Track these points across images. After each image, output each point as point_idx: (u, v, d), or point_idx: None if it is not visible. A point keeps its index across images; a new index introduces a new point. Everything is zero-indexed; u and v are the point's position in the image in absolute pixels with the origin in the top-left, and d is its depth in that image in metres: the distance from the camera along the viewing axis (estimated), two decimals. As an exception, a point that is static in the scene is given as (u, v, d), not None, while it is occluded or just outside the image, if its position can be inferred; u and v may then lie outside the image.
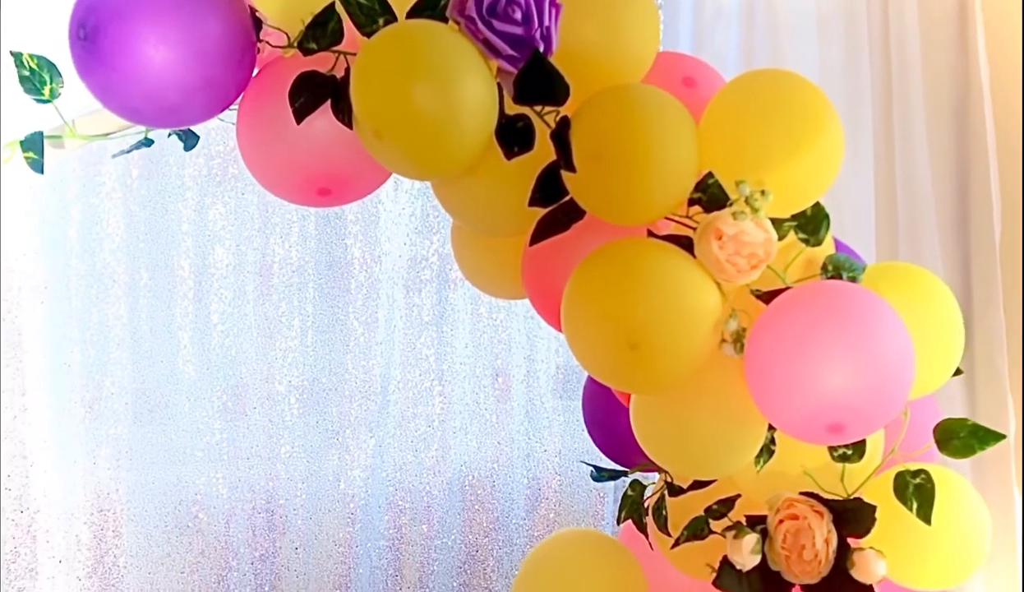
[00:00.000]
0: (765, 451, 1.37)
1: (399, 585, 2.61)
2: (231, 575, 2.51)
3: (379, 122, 1.22)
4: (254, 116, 1.33)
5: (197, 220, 2.48)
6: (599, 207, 1.29)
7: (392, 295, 2.58)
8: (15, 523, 2.41)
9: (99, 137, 1.39)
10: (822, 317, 1.26)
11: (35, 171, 1.34)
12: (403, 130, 1.22)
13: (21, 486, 2.41)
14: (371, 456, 2.58)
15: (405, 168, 1.29)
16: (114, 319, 2.45)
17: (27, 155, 1.32)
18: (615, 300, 1.26)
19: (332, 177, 1.33)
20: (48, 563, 2.43)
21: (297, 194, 1.37)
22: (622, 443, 1.60)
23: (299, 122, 1.25)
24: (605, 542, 1.62)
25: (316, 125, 1.29)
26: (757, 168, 1.28)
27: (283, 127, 1.29)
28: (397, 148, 1.24)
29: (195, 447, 2.49)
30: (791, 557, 1.35)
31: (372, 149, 1.25)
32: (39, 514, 2.42)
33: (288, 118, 1.27)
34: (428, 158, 1.26)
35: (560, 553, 1.62)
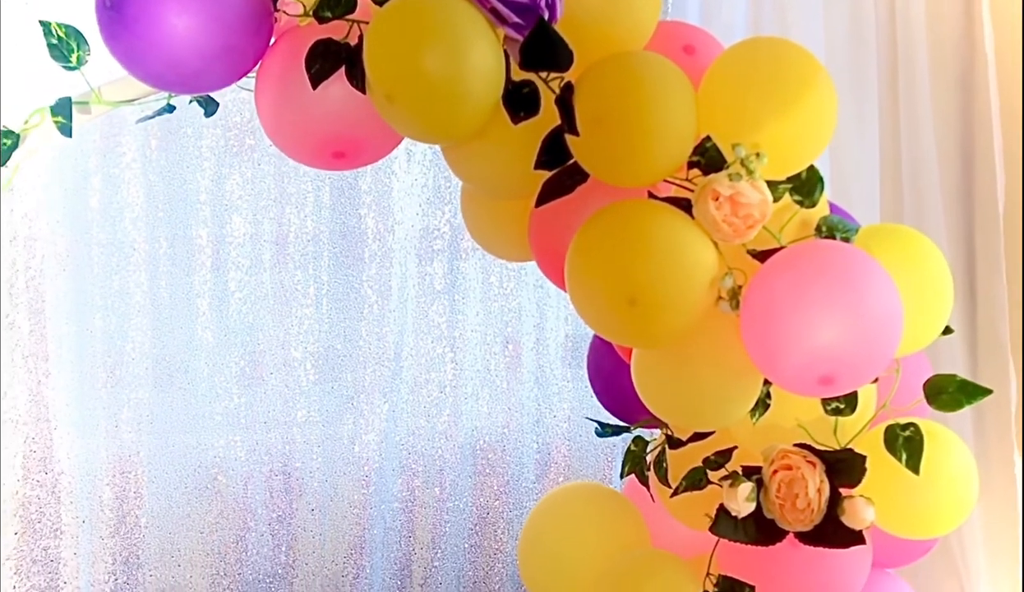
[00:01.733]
0: (760, 405, 1.42)
1: (412, 546, 2.67)
2: (249, 535, 2.58)
3: (391, 87, 1.28)
4: (272, 82, 1.39)
5: (215, 190, 2.53)
6: (601, 169, 1.35)
7: (405, 264, 2.63)
8: (40, 484, 2.48)
9: (124, 103, 1.45)
10: (815, 275, 1.31)
11: (64, 135, 1.41)
12: (414, 95, 1.28)
13: (45, 448, 2.48)
14: (385, 421, 2.64)
15: (416, 131, 1.35)
16: (135, 287, 2.51)
17: (56, 119, 1.39)
18: (616, 257, 1.32)
19: (346, 141, 1.39)
20: (72, 523, 2.50)
21: (313, 157, 1.43)
22: (625, 400, 1.66)
23: (315, 87, 1.31)
24: (607, 494, 1.69)
25: (331, 91, 1.34)
26: (753, 132, 1.34)
27: (299, 93, 1.35)
28: (408, 112, 1.29)
29: (214, 411, 2.56)
30: (785, 505, 1.41)
31: (385, 113, 1.31)
32: (63, 476, 2.50)
33: (304, 84, 1.33)
34: (438, 122, 1.31)
35: (564, 504, 1.69)
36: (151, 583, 2.54)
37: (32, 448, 2.47)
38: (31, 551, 2.49)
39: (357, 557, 2.62)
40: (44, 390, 2.48)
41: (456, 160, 1.45)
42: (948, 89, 2.37)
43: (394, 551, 2.66)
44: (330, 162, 1.42)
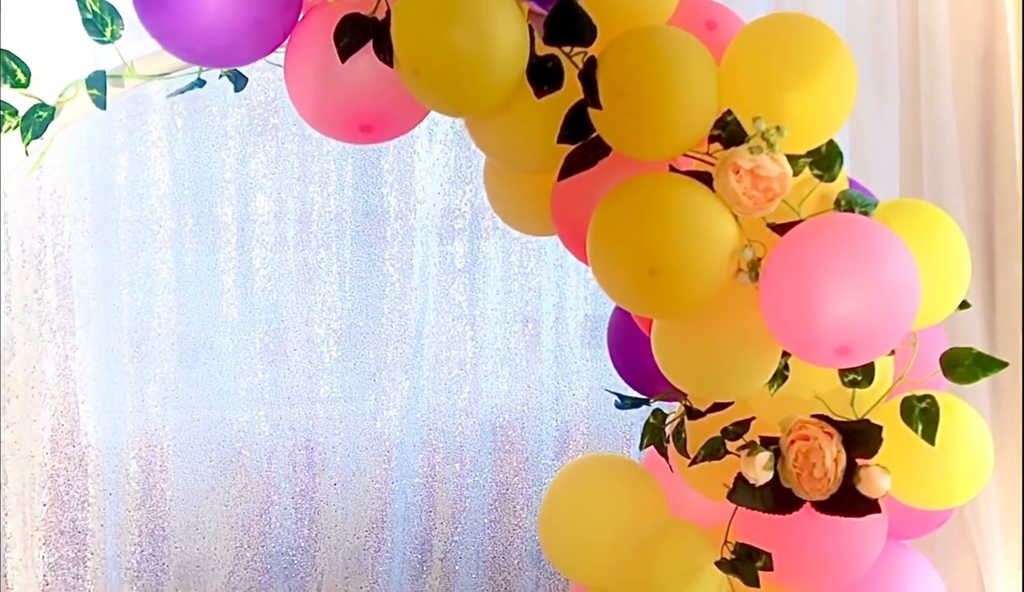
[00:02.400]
0: (779, 376, 1.45)
1: (432, 521, 2.70)
2: (272, 509, 2.62)
3: (418, 61, 1.30)
4: (301, 57, 1.42)
5: (239, 168, 2.56)
6: (623, 143, 1.37)
7: (426, 243, 2.65)
8: (68, 457, 2.52)
9: (156, 77, 1.48)
10: (834, 247, 1.33)
11: (98, 107, 1.44)
12: (440, 69, 1.30)
13: (72, 422, 2.53)
14: (406, 397, 2.67)
15: (441, 105, 1.38)
16: (160, 263, 2.54)
17: (91, 92, 1.42)
18: (637, 229, 1.34)
19: (373, 114, 1.42)
20: (99, 495, 2.54)
21: (340, 131, 1.46)
22: (644, 374, 1.69)
23: (343, 61, 1.34)
24: (626, 464, 1.72)
25: (359, 65, 1.37)
26: (773, 106, 1.36)
27: (328, 67, 1.38)
28: (435, 86, 1.32)
29: (238, 387, 2.59)
30: (802, 475, 1.43)
31: (411, 87, 1.34)
32: (90, 449, 2.54)
33: (333, 59, 1.36)
34: (463, 96, 1.34)
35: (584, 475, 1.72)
36: (176, 555, 2.59)
37: (60, 421, 2.51)
38: (59, 522, 2.53)
39: (378, 531, 2.66)
40: (72, 364, 2.52)
41: (480, 134, 1.47)
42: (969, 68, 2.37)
43: (415, 526, 2.69)
44: (356, 136, 1.45)
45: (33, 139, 1.45)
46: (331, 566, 2.66)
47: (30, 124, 1.44)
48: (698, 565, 1.51)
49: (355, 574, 2.67)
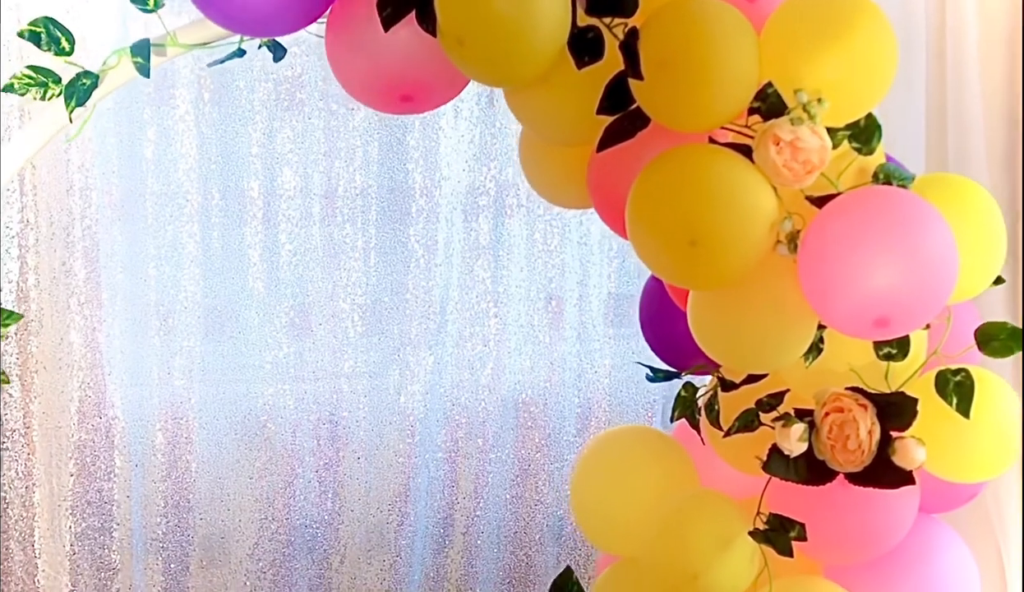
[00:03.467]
0: (814, 349, 1.46)
1: (455, 495, 2.72)
2: (297, 482, 2.64)
3: (462, 30, 1.31)
4: (342, 26, 1.43)
5: (266, 143, 2.57)
6: (664, 114, 1.38)
7: (451, 220, 2.66)
8: (94, 428, 2.55)
9: (198, 46, 1.49)
10: (872, 219, 1.34)
11: (143, 75, 1.45)
12: (484, 39, 1.31)
13: (99, 394, 2.55)
14: (430, 373, 2.68)
15: (483, 75, 1.39)
16: (187, 237, 2.56)
17: (135, 60, 1.43)
18: (677, 199, 1.35)
19: (414, 84, 1.43)
20: (125, 467, 2.57)
21: (381, 101, 1.47)
22: (676, 347, 1.71)
23: (386, 30, 1.34)
24: (657, 436, 1.73)
25: (401, 34, 1.38)
26: (813, 78, 1.36)
27: (370, 37, 1.39)
28: (478, 56, 1.33)
29: (263, 361, 2.61)
30: (836, 447, 1.44)
31: (455, 57, 1.34)
32: (116, 421, 2.56)
33: (375, 28, 1.37)
34: (506, 66, 1.35)
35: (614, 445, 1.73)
36: (201, 526, 2.61)
37: (87, 393, 2.53)
38: (86, 493, 2.56)
39: (401, 505, 2.68)
40: (99, 337, 2.54)
41: (518, 105, 1.48)
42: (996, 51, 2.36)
43: (437, 500, 2.71)
44: (398, 106, 1.46)
45: (77, 106, 1.46)
46: (354, 539, 2.68)
47: (74, 92, 1.46)
48: (731, 535, 1.52)
49: (378, 547, 2.69)
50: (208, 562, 2.63)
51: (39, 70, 1.46)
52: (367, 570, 2.68)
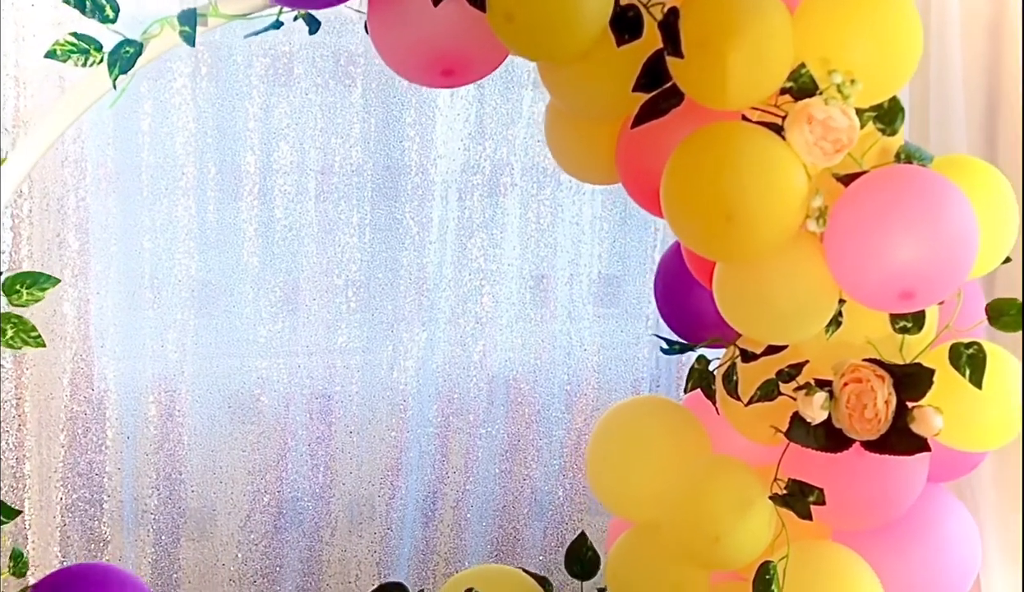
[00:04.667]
0: (834, 322, 1.52)
1: (445, 469, 2.76)
2: (289, 455, 2.65)
3: (512, 7, 1.35)
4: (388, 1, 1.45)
5: (263, 118, 2.57)
6: (701, 92, 1.43)
7: (445, 198, 2.69)
8: (86, 400, 2.54)
9: (238, 17, 1.50)
10: (898, 196, 1.41)
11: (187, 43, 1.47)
12: (532, 15, 1.35)
13: (91, 366, 2.54)
14: (422, 349, 2.71)
15: (528, 50, 1.43)
16: (182, 210, 2.55)
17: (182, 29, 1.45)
18: (714, 175, 1.40)
19: (456, 59, 1.47)
20: (116, 439, 2.56)
21: (422, 74, 1.50)
22: (691, 321, 1.76)
23: (436, 5, 1.38)
24: (671, 406, 1.79)
25: (444, 9, 1.41)
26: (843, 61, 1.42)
27: (413, 11, 1.42)
28: (525, 32, 1.37)
29: (257, 335, 2.61)
30: (853, 415, 1.51)
31: (502, 33, 1.38)
32: (108, 393, 2.55)
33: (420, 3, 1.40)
34: (552, 42, 1.39)
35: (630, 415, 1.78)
36: (192, 498, 2.62)
37: (79, 365, 2.52)
38: (76, 464, 2.55)
39: (393, 478, 2.71)
40: (91, 308, 2.53)
41: (556, 80, 1.52)
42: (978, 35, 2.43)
43: (428, 474, 2.74)
44: (438, 79, 1.49)
45: (120, 74, 1.47)
46: (345, 512, 2.70)
47: (117, 59, 1.47)
48: (751, 499, 1.58)
49: (368, 520, 2.72)
50: (199, 534, 2.64)
51: (81, 37, 1.47)
52: (358, 543, 2.71)
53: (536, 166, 2.74)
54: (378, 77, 2.60)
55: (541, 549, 2.82)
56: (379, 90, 2.61)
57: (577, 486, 2.83)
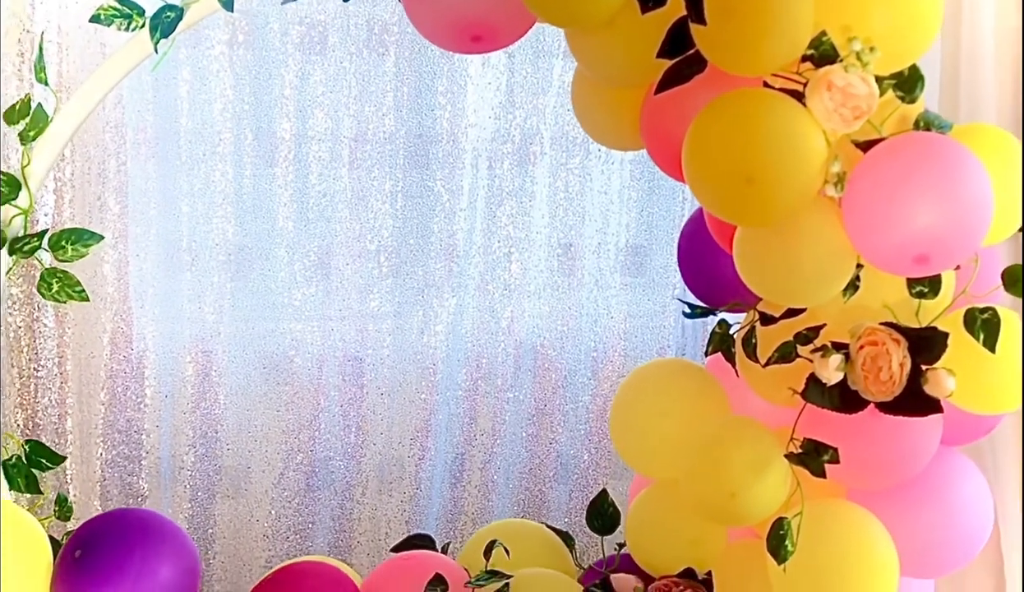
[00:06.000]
0: (851, 286, 1.55)
1: (473, 432, 2.82)
2: (321, 415, 2.72)
3: (538, -27, 1.39)
4: (418, -33, 1.50)
5: (298, 86, 2.62)
6: (724, 59, 1.46)
7: (476, 166, 2.73)
8: (126, 359, 2.61)
9: (278, -15, 1.54)
10: (915, 162, 1.44)
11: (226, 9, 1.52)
12: (558, -20, 1.39)
13: (130, 326, 2.61)
14: (452, 314, 2.76)
15: (555, 16, 1.46)
16: (219, 176, 2.61)
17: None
18: (736, 139, 1.44)
19: (485, 25, 1.51)
20: (155, 398, 2.64)
21: (452, 41, 1.54)
22: (713, 286, 1.80)
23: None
24: (693, 368, 1.83)
25: (474, -24, 1.45)
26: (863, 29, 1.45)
27: (444, -22, 1.46)
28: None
29: (291, 299, 2.68)
30: (868, 377, 1.54)
31: (529, 0, 1.42)
32: (147, 353, 2.63)
33: (450, -31, 1.44)
34: (577, 7, 1.43)
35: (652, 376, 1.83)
36: (228, 456, 2.69)
37: (119, 325, 2.59)
38: (116, 422, 2.63)
39: (422, 439, 2.77)
40: (131, 270, 2.59)
41: (581, 47, 1.56)
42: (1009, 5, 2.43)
43: (456, 436, 2.81)
44: (468, 45, 1.53)
45: (162, 38, 1.52)
46: (375, 471, 2.77)
47: (158, 24, 1.52)
48: (767, 458, 1.63)
49: (398, 480, 2.79)
50: (234, 491, 2.71)
51: (124, 2, 1.53)
52: (387, 502, 2.78)
53: (565, 135, 2.77)
54: (411, 46, 2.64)
55: (566, 511, 2.87)
56: (411, 59, 2.65)
57: (602, 451, 2.88)
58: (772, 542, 1.58)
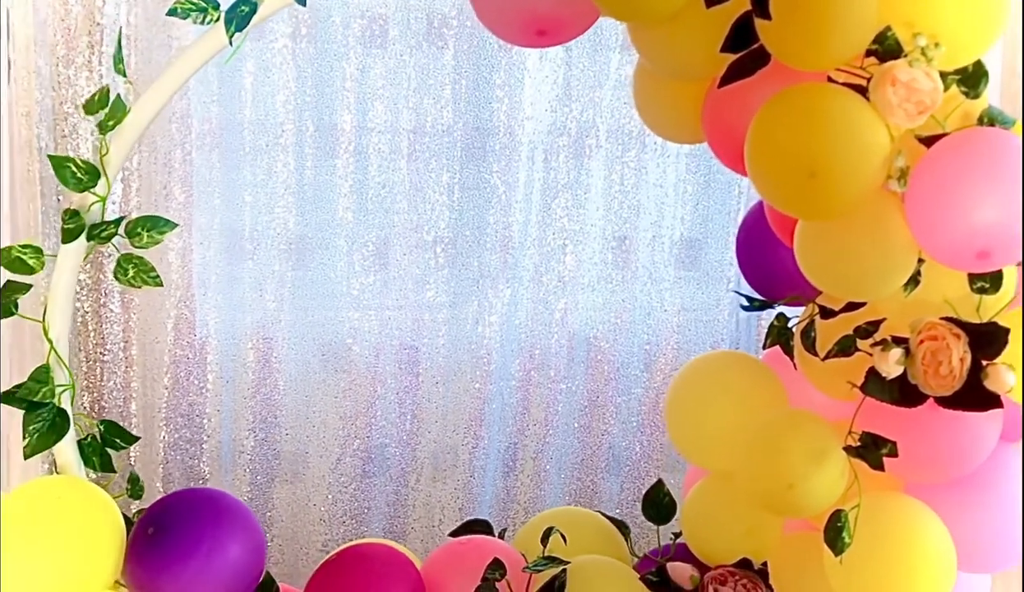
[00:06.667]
0: (912, 280, 1.56)
1: (526, 422, 2.85)
2: (378, 403, 2.77)
3: (605, -32, 1.41)
4: (486, -37, 1.53)
5: (359, 78, 2.66)
6: (788, 53, 1.48)
7: (532, 159, 2.76)
8: (188, 345, 2.67)
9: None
10: (979, 158, 1.44)
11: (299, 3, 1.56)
12: (624, -24, 1.41)
13: (193, 313, 2.67)
14: (506, 305, 2.80)
15: (620, 11, 1.49)
16: (281, 166, 2.66)
17: (293, -14, 1.54)
18: (798, 133, 1.45)
19: (550, 20, 1.53)
20: (216, 382, 2.70)
21: (518, 35, 1.57)
22: (772, 279, 1.81)
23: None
24: (749, 360, 1.84)
25: (540, -29, 1.48)
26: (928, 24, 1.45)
27: (511, -28, 1.49)
28: (618, -8, 1.43)
29: (350, 288, 2.72)
30: (928, 372, 1.55)
31: (594, -8, 1.44)
32: (209, 339, 2.69)
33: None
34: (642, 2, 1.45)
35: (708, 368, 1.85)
36: (286, 441, 2.75)
37: (183, 311, 2.66)
38: (179, 405, 2.69)
39: (476, 428, 2.81)
40: (194, 258, 2.65)
41: (645, 40, 1.58)
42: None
43: (509, 426, 2.84)
44: (533, 40, 1.56)
45: (236, 32, 1.57)
46: (430, 459, 2.81)
47: (233, 17, 1.56)
48: (825, 450, 1.64)
49: (451, 468, 2.82)
50: (292, 476, 2.77)
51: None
52: (442, 489, 2.82)
53: (621, 128, 2.79)
54: (469, 39, 2.67)
55: (617, 502, 2.90)
56: (470, 52, 2.68)
57: (654, 443, 2.90)
58: (829, 534, 1.60)
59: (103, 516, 1.61)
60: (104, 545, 1.60)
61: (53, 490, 1.60)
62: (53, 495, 1.58)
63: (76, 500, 1.59)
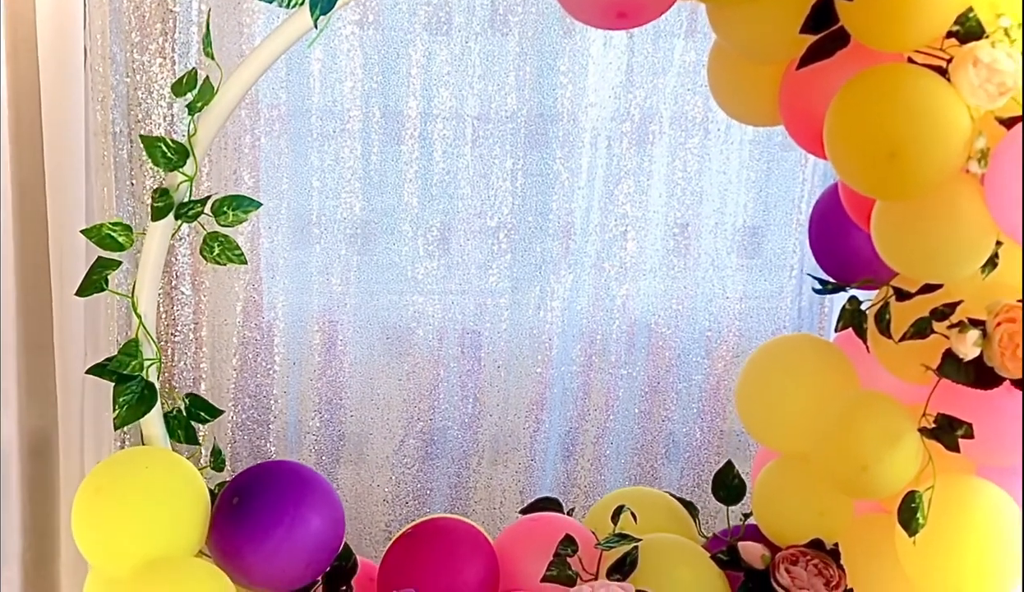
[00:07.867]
0: (990, 263, 1.56)
1: (587, 407, 2.87)
2: (440, 386, 2.80)
3: (687, -50, 1.42)
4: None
5: (424, 65, 2.69)
6: (868, 34, 1.48)
7: (595, 145, 2.77)
8: (256, 327, 2.72)
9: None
10: (1061, 139, 1.44)
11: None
12: (705, -43, 1.42)
13: (261, 296, 2.72)
14: (568, 291, 2.81)
15: (701, -8, 1.50)
16: (348, 152, 2.69)
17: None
18: (879, 114, 1.46)
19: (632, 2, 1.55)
20: (283, 364, 2.74)
21: (598, 17, 1.59)
22: (844, 263, 1.82)
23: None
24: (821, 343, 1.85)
25: (621, -45, 1.50)
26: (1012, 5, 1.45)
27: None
28: (700, -26, 1.44)
29: (415, 272, 2.75)
30: (1005, 354, 1.55)
31: (677, -25, 1.46)
32: (276, 322, 2.73)
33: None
34: (723, -17, 1.46)
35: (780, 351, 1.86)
36: (351, 422, 2.79)
37: (251, 294, 2.70)
38: (247, 386, 2.74)
39: (537, 412, 2.83)
40: (262, 242, 2.70)
41: (724, 20, 1.59)
42: None
43: (570, 410, 2.86)
44: (613, 21, 1.58)
45: (321, 15, 1.60)
46: (491, 442, 2.84)
47: (318, 2, 1.60)
48: (898, 431, 1.64)
49: (513, 451, 2.85)
50: (356, 457, 2.81)
51: (287, -20, 1.60)
52: (503, 472, 2.85)
53: (684, 115, 2.79)
54: (534, 26, 2.69)
55: (677, 488, 2.90)
56: (534, 39, 2.70)
57: (715, 430, 2.91)
58: (904, 515, 1.60)
59: (189, 486, 1.66)
60: (189, 514, 1.64)
61: (142, 460, 1.64)
62: (142, 464, 1.63)
63: (164, 470, 1.64)
